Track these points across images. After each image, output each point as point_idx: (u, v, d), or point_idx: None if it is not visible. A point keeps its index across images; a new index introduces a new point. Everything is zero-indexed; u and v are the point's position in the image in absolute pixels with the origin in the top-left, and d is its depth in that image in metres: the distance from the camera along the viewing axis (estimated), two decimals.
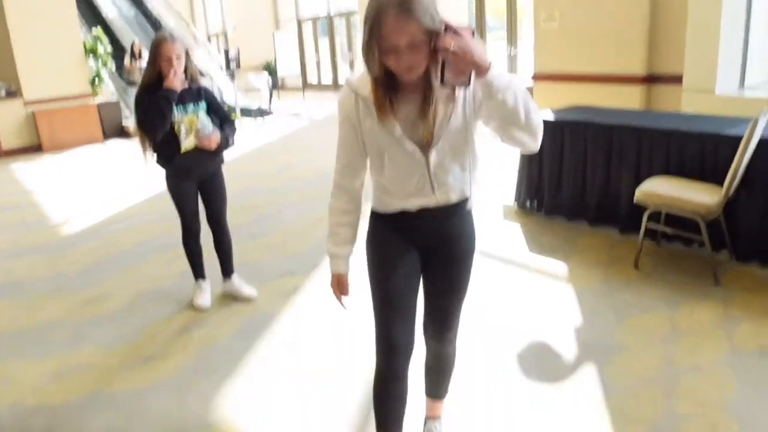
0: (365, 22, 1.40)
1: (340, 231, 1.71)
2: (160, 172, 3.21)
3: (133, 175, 7.30)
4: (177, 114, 3.03)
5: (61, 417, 2.44)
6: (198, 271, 3.43)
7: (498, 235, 4.21)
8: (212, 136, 3.08)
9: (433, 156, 1.55)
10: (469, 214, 1.73)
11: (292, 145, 8.71)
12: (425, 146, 1.54)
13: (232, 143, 3.22)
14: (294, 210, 5.18)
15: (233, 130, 3.24)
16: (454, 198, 1.63)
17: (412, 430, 2.07)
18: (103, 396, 2.57)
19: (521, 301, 3.21)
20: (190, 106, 3.08)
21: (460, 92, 1.53)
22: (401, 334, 1.70)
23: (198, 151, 3.09)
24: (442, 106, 1.51)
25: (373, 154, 1.60)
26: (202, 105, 3.13)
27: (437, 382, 2.03)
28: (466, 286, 1.79)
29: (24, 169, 7.76)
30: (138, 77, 9.89)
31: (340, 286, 1.76)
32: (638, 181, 3.66)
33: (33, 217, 5.75)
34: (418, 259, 1.73)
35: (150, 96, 2.96)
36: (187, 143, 3.06)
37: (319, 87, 17.11)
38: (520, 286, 3.40)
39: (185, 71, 3.06)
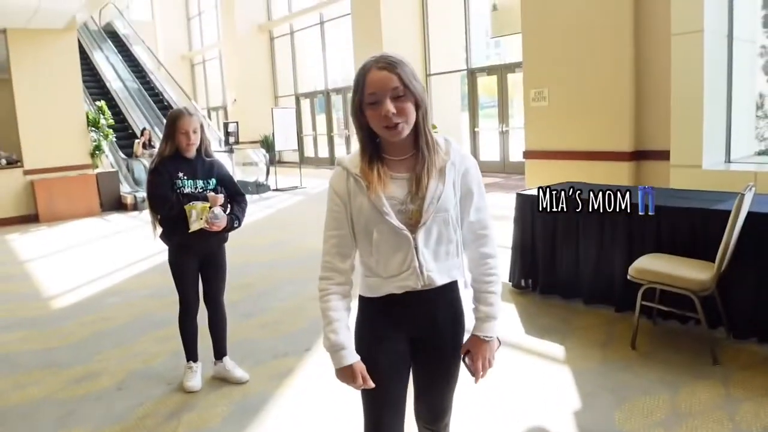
0: (354, 86, 1.54)
1: (338, 317, 1.60)
2: (158, 247, 3.23)
3: (129, 248, 7.31)
4: (187, 187, 3.06)
5: None
6: (191, 353, 3.34)
7: None
8: (221, 222, 3.06)
9: (421, 235, 1.56)
10: (457, 300, 1.72)
11: (287, 221, 8.78)
12: (413, 225, 1.56)
13: (239, 224, 3.19)
14: (288, 288, 5.15)
15: (243, 209, 3.23)
16: (439, 281, 1.61)
17: None
18: None
19: (518, 384, 3.17)
20: (200, 182, 3.11)
21: (450, 174, 1.58)
22: (390, 428, 1.69)
23: (203, 230, 3.08)
24: (432, 186, 1.55)
25: (361, 233, 1.60)
26: (213, 182, 3.16)
27: None
28: (457, 375, 1.77)
29: (19, 239, 7.77)
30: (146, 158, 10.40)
31: (355, 377, 1.59)
32: (631, 258, 3.69)
33: (26, 288, 5.72)
34: (408, 349, 1.70)
35: (166, 177, 3.03)
36: (195, 226, 3.03)
37: (316, 161, 17.43)
38: (517, 368, 3.36)
39: (200, 145, 3.13)
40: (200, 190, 3.10)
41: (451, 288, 1.67)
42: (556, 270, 4.34)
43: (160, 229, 3.15)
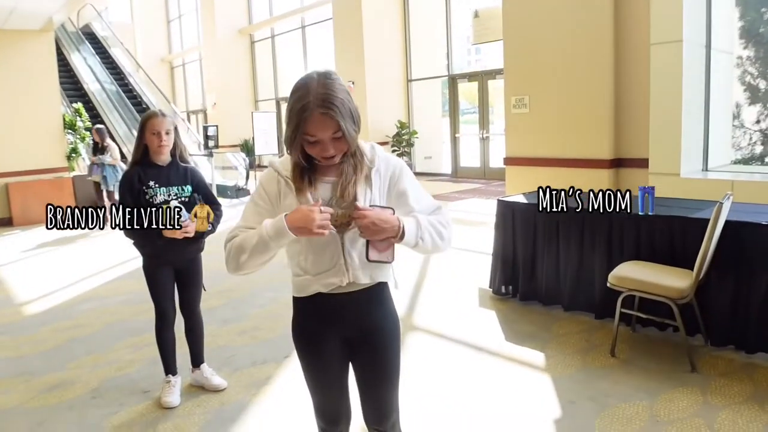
0: (290, 118, 1.55)
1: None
2: (133, 252, 3.16)
3: (104, 253, 7.18)
4: (159, 195, 2.95)
5: None
6: (169, 366, 3.22)
7: (473, 322, 4.18)
8: (190, 226, 2.94)
9: (349, 236, 1.64)
10: (388, 299, 1.78)
11: None
12: (339, 226, 1.62)
13: (214, 230, 3.08)
14: (266, 294, 5.08)
15: (218, 216, 3.12)
16: (363, 279, 1.69)
17: None
18: None
19: (498, 392, 3.16)
20: (175, 189, 3.00)
21: (375, 181, 1.66)
22: (338, 409, 1.85)
23: (176, 239, 2.96)
24: (360, 192, 1.63)
25: None
26: (188, 189, 3.05)
27: None
28: (398, 371, 1.82)
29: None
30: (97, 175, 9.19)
31: (305, 218, 1.51)
32: (611, 265, 3.71)
33: None
34: (344, 350, 1.77)
35: (136, 187, 2.93)
36: (167, 233, 2.91)
37: None
38: (496, 375, 3.35)
39: (173, 149, 3.03)
40: (175, 197, 3.00)
41: (381, 289, 1.76)
42: (537, 277, 4.35)
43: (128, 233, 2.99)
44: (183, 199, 3.01)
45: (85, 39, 16.55)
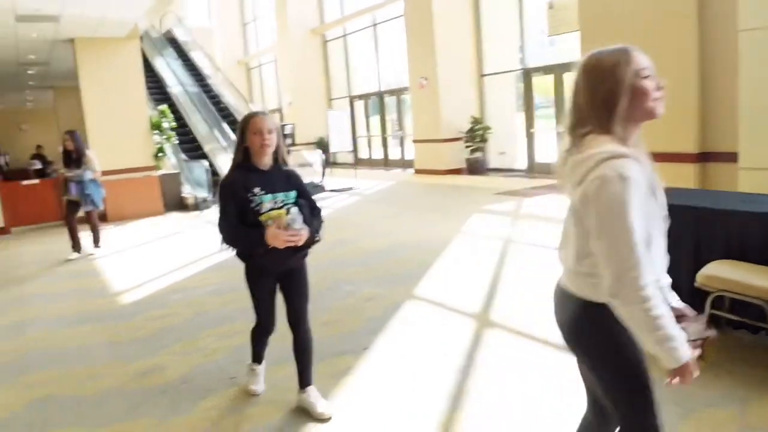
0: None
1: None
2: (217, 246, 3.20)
3: (191, 247, 7.56)
4: (266, 203, 2.74)
5: None
6: (256, 357, 3.23)
7: (553, 320, 4.10)
8: (301, 231, 2.72)
9: None
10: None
11: (343, 222, 8.86)
12: None
13: (320, 238, 2.89)
14: (346, 288, 5.20)
15: (321, 221, 2.91)
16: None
17: None
18: None
19: (578, 393, 3.10)
20: (280, 195, 2.79)
21: None
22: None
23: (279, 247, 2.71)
24: None
25: None
26: (292, 194, 2.83)
27: None
28: None
29: (88, 237, 8.10)
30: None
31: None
32: (698, 265, 3.56)
33: (95, 284, 5.99)
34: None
35: (239, 194, 2.72)
36: (272, 239, 2.68)
37: (370, 162, 17.55)
38: (574, 375, 3.29)
39: (275, 151, 2.83)
40: (281, 204, 2.78)
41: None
42: None
43: (226, 246, 2.84)
44: (289, 205, 2.80)
45: (167, 44, 17.39)
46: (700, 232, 3.72)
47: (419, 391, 3.17)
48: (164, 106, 12.27)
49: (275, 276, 2.93)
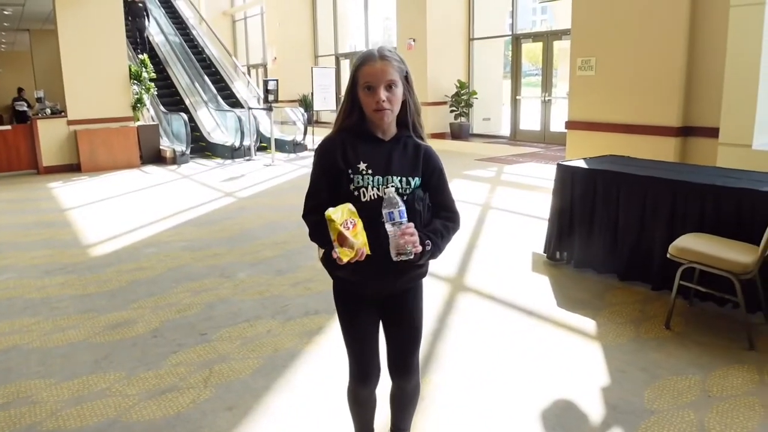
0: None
1: None
2: (196, 200, 3.18)
3: (167, 200, 7.44)
4: (370, 188, 1.76)
5: None
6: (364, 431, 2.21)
7: (525, 286, 4.15)
8: (406, 231, 1.66)
9: None
10: None
11: None
12: None
13: (439, 252, 1.82)
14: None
15: (449, 229, 1.85)
16: None
17: None
18: (119, 425, 2.57)
19: (546, 357, 3.14)
20: (396, 180, 1.77)
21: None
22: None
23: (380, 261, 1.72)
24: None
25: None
26: (415, 181, 1.80)
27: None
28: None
29: (61, 187, 8.00)
30: None
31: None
32: (671, 236, 3.59)
33: (67, 235, 5.89)
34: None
35: (337, 165, 1.76)
36: (344, 253, 1.65)
37: None
38: (545, 340, 3.33)
39: (404, 113, 1.80)
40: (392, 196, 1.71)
41: None
42: (593, 244, 4.26)
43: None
44: (405, 196, 1.77)
45: None
46: (676, 204, 3.74)
47: None
48: (144, 56, 11.93)
49: (375, 302, 1.96)
